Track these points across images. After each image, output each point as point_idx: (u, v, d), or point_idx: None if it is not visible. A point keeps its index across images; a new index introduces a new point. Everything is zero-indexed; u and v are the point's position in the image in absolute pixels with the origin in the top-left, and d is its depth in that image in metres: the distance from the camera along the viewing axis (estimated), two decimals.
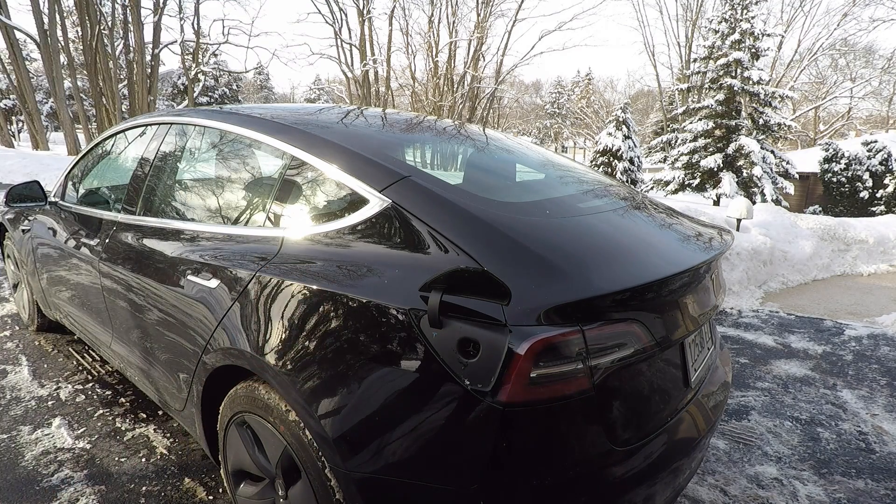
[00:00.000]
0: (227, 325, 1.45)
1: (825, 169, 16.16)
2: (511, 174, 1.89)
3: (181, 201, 2.02)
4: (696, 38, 22.65)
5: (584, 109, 42.28)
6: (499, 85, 22.24)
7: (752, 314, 4.46)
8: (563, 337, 1.03)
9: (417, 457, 1.10)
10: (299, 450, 1.29)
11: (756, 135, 15.02)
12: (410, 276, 1.16)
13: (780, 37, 21.68)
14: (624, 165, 18.78)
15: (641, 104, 43.16)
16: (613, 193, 1.74)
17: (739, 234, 5.51)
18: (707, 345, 1.62)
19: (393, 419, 1.13)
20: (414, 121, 2.18)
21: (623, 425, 1.16)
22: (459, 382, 1.05)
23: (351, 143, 1.50)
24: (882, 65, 28.56)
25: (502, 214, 1.24)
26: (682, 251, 1.41)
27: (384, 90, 20.82)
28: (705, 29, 18.29)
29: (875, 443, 2.45)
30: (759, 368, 3.28)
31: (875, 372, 3.28)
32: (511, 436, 1.04)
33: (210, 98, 26.73)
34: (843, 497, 2.05)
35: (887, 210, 14.42)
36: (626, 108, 19.96)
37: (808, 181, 17.58)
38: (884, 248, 6.67)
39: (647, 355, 1.18)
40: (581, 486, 1.10)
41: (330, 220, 1.39)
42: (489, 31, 21.01)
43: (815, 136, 30.91)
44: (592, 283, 1.10)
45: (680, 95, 20.78)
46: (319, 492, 1.26)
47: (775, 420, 2.63)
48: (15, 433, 2.26)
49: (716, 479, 2.13)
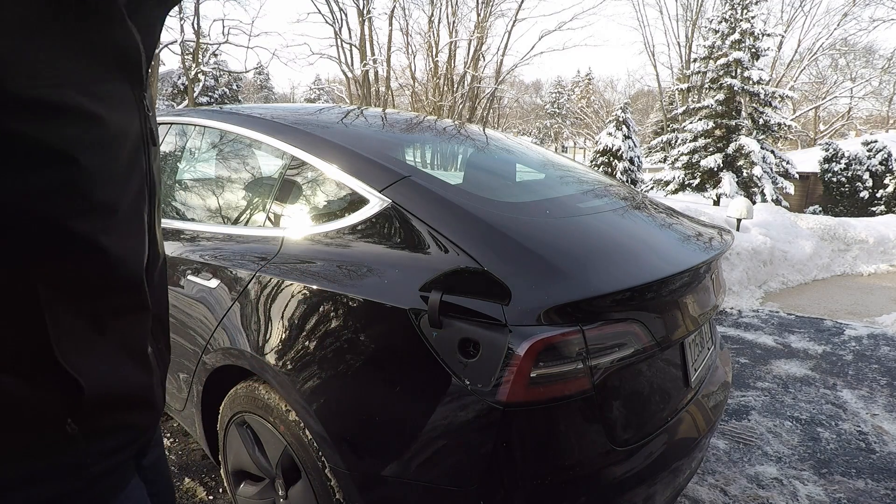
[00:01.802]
0: (227, 325, 1.45)
1: (825, 169, 16.15)
2: (511, 174, 1.89)
3: (181, 201, 2.02)
4: (696, 38, 22.64)
5: (584, 109, 42.29)
6: (499, 85, 22.24)
7: (752, 314, 4.46)
8: (563, 337, 1.03)
9: (417, 456, 1.10)
10: (299, 450, 1.29)
11: (756, 135, 15.01)
12: (410, 275, 1.16)
13: (780, 37, 21.68)
14: (624, 165, 18.78)
15: (641, 104, 43.17)
16: (613, 193, 1.74)
17: (739, 233, 5.51)
18: (707, 345, 1.62)
19: (393, 419, 1.13)
20: (414, 121, 2.18)
21: (623, 425, 1.16)
22: (459, 382, 1.05)
23: (351, 143, 1.50)
24: (882, 65, 28.57)
25: (502, 214, 1.24)
26: (682, 251, 1.41)
27: (384, 90, 20.83)
28: (705, 29, 18.29)
29: (875, 443, 2.45)
30: (759, 368, 3.28)
31: (875, 372, 3.28)
32: (511, 436, 1.04)
33: (210, 98, 26.76)
34: (843, 497, 2.05)
35: (887, 210, 14.42)
36: (626, 108, 19.96)
37: (808, 181, 17.58)
38: (884, 247, 6.67)
39: (647, 355, 1.18)
40: (581, 486, 1.10)
41: (330, 219, 1.39)
42: (489, 31, 21.02)
43: (815, 136, 30.92)
44: (592, 283, 1.10)
45: (680, 95, 20.78)
46: (319, 492, 1.26)
47: (775, 420, 2.63)
48: None
49: (716, 479, 2.13)
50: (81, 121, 0.47)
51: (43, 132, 0.44)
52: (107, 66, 0.50)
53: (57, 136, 0.45)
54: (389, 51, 20.60)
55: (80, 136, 0.47)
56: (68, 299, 0.50)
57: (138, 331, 0.59)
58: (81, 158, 0.47)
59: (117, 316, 0.56)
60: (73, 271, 0.50)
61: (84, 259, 0.50)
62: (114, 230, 0.52)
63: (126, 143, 0.54)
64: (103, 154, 0.50)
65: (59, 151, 0.45)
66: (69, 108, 0.46)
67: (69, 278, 0.50)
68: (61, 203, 0.47)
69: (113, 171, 0.52)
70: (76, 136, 0.47)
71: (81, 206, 0.48)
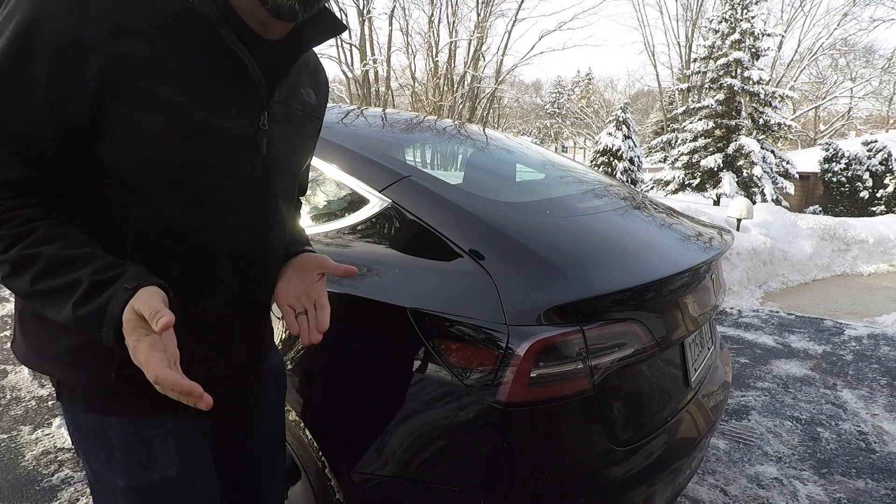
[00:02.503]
0: None
1: (825, 169, 16.15)
2: (511, 174, 1.89)
3: None
4: (696, 38, 22.62)
5: (584, 109, 42.27)
6: (499, 85, 22.23)
7: (753, 314, 4.46)
8: (563, 337, 1.03)
9: (417, 457, 1.10)
10: (299, 450, 1.29)
11: (756, 135, 15.00)
12: (410, 275, 1.16)
13: (780, 37, 21.67)
14: (624, 165, 18.76)
15: (641, 104, 43.15)
16: (613, 193, 1.74)
17: (739, 233, 5.51)
18: (707, 345, 1.62)
19: (393, 419, 1.13)
20: (414, 121, 2.18)
21: (623, 425, 1.16)
22: (459, 382, 1.05)
23: (351, 143, 1.50)
24: (882, 65, 28.55)
25: (502, 214, 1.24)
26: (681, 251, 1.41)
27: (384, 90, 20.81)
28: (705, 29, 18.26)
29: (875, 443, 2.45)
30: (759, 368, 3.29)
31: (875, 372, 3.28)
32: (511, 436, 1.04)
33: None
34: (843, 497, 2.05)
35: (887, 210, 14.40)
36: (626, 108, 19.94)
37: (808, 181, 17.57)
38: (884, 247, 6.67)
39: (647, 355, 1.18)
40: (581, 486, 1.10)
41: (330, 219, 1.39)
42: (489, 31, 20.99)
43: (815, 136, 30.90)
44: (592, 284, 1.10)
45: (680, 95, 20.77)
46: (319, 492, 1.26)
47: (775, 420, 2.63)
48: (15, 433, 2.26)
49: (716, 479, 2.13)
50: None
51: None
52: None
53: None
54: (389, 51, 20.59)
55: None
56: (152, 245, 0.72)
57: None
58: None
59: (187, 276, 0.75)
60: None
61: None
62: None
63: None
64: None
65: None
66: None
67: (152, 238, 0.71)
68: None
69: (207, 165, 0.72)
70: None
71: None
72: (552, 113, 46.66)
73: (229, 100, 0.71)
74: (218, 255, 0.76)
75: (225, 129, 0.71)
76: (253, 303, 0.85)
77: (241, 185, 0.76)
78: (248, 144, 0.75)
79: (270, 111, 0.76)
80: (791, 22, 26.50)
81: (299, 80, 0.84)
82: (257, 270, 0.83)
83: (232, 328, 0.83)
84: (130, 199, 0.69)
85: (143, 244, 0.71)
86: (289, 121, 0.81)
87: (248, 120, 0.74)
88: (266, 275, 0.86)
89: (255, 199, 0.78)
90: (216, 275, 0.77)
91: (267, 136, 0.76)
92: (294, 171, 0.87)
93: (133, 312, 0.58)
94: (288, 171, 0.84)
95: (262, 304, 0.88)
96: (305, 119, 0.86)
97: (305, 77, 0.87)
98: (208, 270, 0.76)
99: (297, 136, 0.85)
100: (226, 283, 0.78)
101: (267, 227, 0.82)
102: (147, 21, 0.64)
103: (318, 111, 0.91)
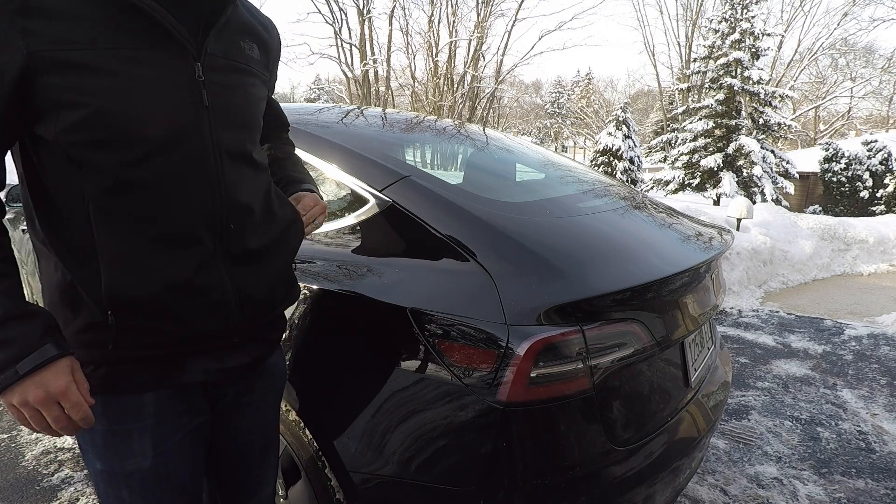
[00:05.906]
0: None
1: (825, 169, 16.14)
2: (511, 174, 1.89)
3: None
4: (696, 38, 22.60)
5: (584, 109, 42.26)
6: (499, 85, 22.23)
7: (752, 314, 4.46)
8: (563, 337, 1.03)
9: (417, 456, 1.10)
10: (299, 450, 1.29)
11: (756, 134, 14.99)
12: (410, 275, 1.16)
13: (780, 36, 21.67)
14: (624, 165, 18.76)
15: (641, 104, 43.13)
16: (613, 193, 1.74)
17: (739, 233, 5.51)
18: (707, 344, 1.62)
19: (392, 419, 1.13)
20: (414, 121, 2.18)
21: (623, 425, 1.16)
22: (459, 382, 1.05)
23: (351, 142, 1.50)
24: (882, 64, 28.52)
25: (502, 214, 1.24)
26: (681, 251, 1.41)
27: (384, 90, 20.81)
28: (705, 28, 18.24)
29: (875, 442, 2.45)
30: (759, 368, 3.29)
31: (875, 371, 3.28)
32: (511, 435, 1.04)
33: None
34: (843, 497, 2.05)
35: (887, 210, 14.39)
36: (626, 108, 19.94)
37: (808, 181, 17.56)
38: (884, 247, 6.67)
39: (647, 355, 1.18)
40: (581, 486, 1.10)
41: (330, 219, 1.39)
42: (489, 31, 21.00)
43: (815, 135, 30.90)
44: (592, 283, 1.10)
45: (680, 95, 20.77)
46: (319, 492, 1.26)
47: (775, 420, 2.63)
48: (15, 433, 2.26)
49: (716, 479, 2.13)
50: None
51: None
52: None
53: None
54: (389, 51, 20.59)
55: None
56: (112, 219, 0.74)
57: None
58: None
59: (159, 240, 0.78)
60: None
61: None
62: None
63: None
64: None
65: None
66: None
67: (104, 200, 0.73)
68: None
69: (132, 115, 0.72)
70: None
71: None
72: (552, 113, 46.67)
73: (154, 55, 0.74)
74: (188, 213, 0.78)
75: (153, 79, 0.73)
76: (238, 251, 0.85)
77: (191, 138, 0.77)
78: (187, 95, 0.77)
79: (206, 63, 0.78)
80: (791, 22, 26.49)
81: (241, 35, 0.87)
82: (234, 222, 0.83)
83: (222, 280, 0.83)
84: (82, 174, 0.71)
85: (111, 218, 0.73)
86: (231, 72, 0.83)
87: (179, 72, 0.76)
88: (245, 223, 0.85)
89: (209, 152, 0.79)
90: (191, 233, 0.78)
91: (207, 88, 0.78)
92: (246, 123, 0.88)
93: (41, 389, 0.68)
94: (238, 123, 0.85)
95: (252, 251, 0.87)
96: (248, 72, 0.88)
97: (250, 33, 0.90)
98: (183, 228, 0.78)
99: (241, 87, 0.86)
100: (203, 239, 0.80)
101: (236, 180, 0.83)
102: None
103: (263, 66, 0.93)
